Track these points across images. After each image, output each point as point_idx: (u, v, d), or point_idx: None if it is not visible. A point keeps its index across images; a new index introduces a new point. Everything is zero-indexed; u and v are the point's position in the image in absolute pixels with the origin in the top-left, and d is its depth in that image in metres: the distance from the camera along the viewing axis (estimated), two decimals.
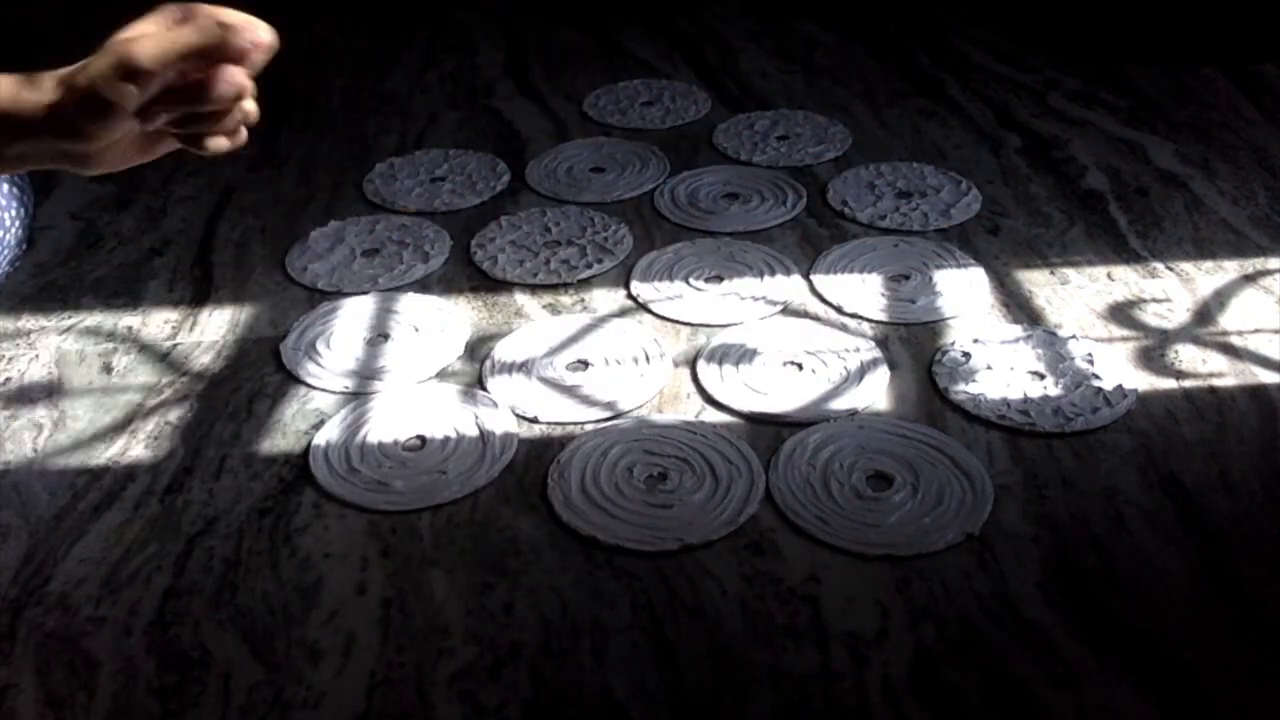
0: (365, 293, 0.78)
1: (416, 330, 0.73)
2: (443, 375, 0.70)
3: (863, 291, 0.75)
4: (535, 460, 0.62)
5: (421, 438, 0.64)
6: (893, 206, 0.85)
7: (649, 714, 0.48)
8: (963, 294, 0.75)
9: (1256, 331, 0.70)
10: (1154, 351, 0.69)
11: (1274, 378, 0.66)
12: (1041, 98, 1.02)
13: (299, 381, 0.69)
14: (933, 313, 0.73)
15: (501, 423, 0.65)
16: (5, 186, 0.67)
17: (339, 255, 0.82)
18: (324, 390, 0.68)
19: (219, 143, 0.49)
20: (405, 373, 0.70)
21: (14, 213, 0.67)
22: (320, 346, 0.72)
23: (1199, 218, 0.83)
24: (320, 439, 0.64)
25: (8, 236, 0.70)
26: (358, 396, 0.68)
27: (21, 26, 1.31)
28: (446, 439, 0.64)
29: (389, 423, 0.65)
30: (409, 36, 1.23)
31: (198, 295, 0.79)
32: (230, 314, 0.76)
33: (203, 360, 0.72)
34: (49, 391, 0.69)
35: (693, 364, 0.69)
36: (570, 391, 0.67)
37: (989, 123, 0.98)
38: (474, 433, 0.64)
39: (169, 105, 0.46)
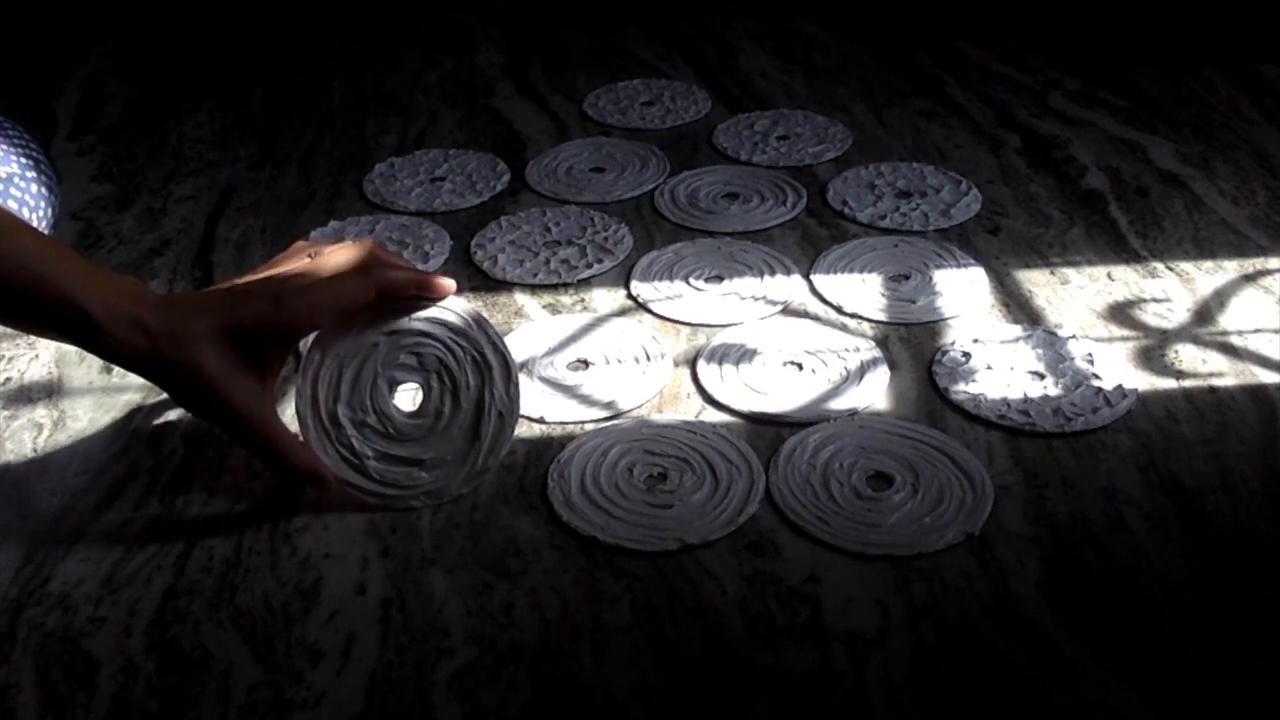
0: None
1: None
2: None
3: (863, 291, 0.75)
4: (535, 460, 0.62)
5: None
6: (893, 206, 0.85)
7: (649, 714, 0.48)
8: (963, 294, 0.75)
9: (1256, 331, 0.70)
10: (1154, 351, 0.69)
11: (1274, 378, 0.66)
12: (1041, 98, 1.02)
13: None
14: (933, 313, 0.73)
15: None
16: (35, 187, 0.67)
17: None
18: None
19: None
20: None
21: (42, 212, 0.67)
22: None
23: (1199, 218, 0.83)
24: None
25: None
26: None
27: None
28: None
29: None
30: (409, 36, 1.23)
31: None
32: None
33: None
34: (49, 391, 0.69)
35: (693, 364, 0.69)
36: (570, 391, 0.67)
37: (989, 123, 0.98)
38: None
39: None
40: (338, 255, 0.58)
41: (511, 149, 0.97)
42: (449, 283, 0.58)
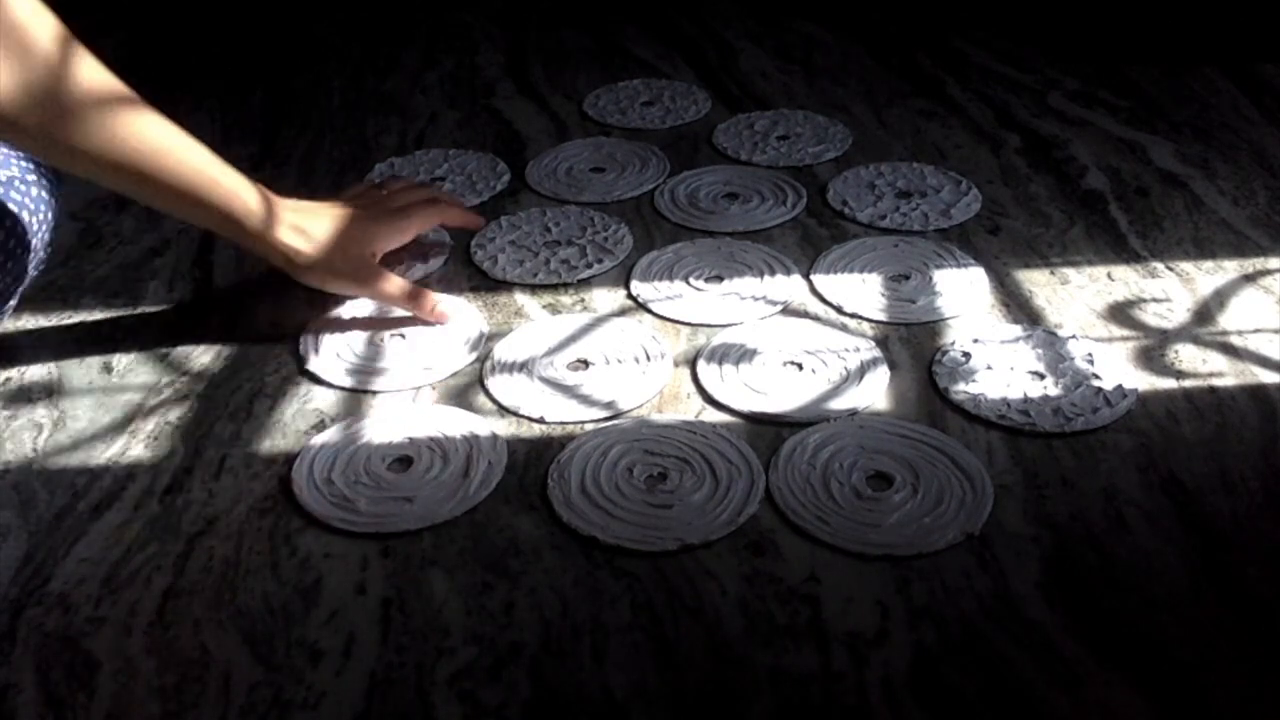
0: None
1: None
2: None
3: (863, 291, 0.75)
4: (535, 460, 0.62)
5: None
6: (893, 206, 0.85)
7: (649, 714, 0.48)
8: (963, 294, 0.75)
9: (1256, 331, 0.70)
10: (1154, 351, 0.69)
11: (1274, 378, 0.66)
12: (1041, 98, 1.02)
13: (316, 381, 0.69)
14: (933, 313, 0.73)
15: (504, 425, 0.65)
16: (35, 190, 0.66)
17: None
18: (329, 386, 0.68)
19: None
20: (406, 376, 0.70)
21: (43, 215, 0.67)
22: (333, 344, 0.72)
23: (1199, 218, 0.83)
24: (319, 440, 0.64)
25: (36, 241, 0.70)
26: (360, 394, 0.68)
27: None
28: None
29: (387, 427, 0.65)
30: (409, 36, 1.23)
31: (198, 295, 0.79)
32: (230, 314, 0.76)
33: (203, 360, 0.72)
34: (49, 391, 0.69)
35: (693, 364, 0.69)
36: (570, 391, 0.67)
37: (989, 123, 0.98)
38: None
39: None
40: (410, 194, 0.78)
41: (511, 149, 0.97)
42: (480, 219, 0.84)
